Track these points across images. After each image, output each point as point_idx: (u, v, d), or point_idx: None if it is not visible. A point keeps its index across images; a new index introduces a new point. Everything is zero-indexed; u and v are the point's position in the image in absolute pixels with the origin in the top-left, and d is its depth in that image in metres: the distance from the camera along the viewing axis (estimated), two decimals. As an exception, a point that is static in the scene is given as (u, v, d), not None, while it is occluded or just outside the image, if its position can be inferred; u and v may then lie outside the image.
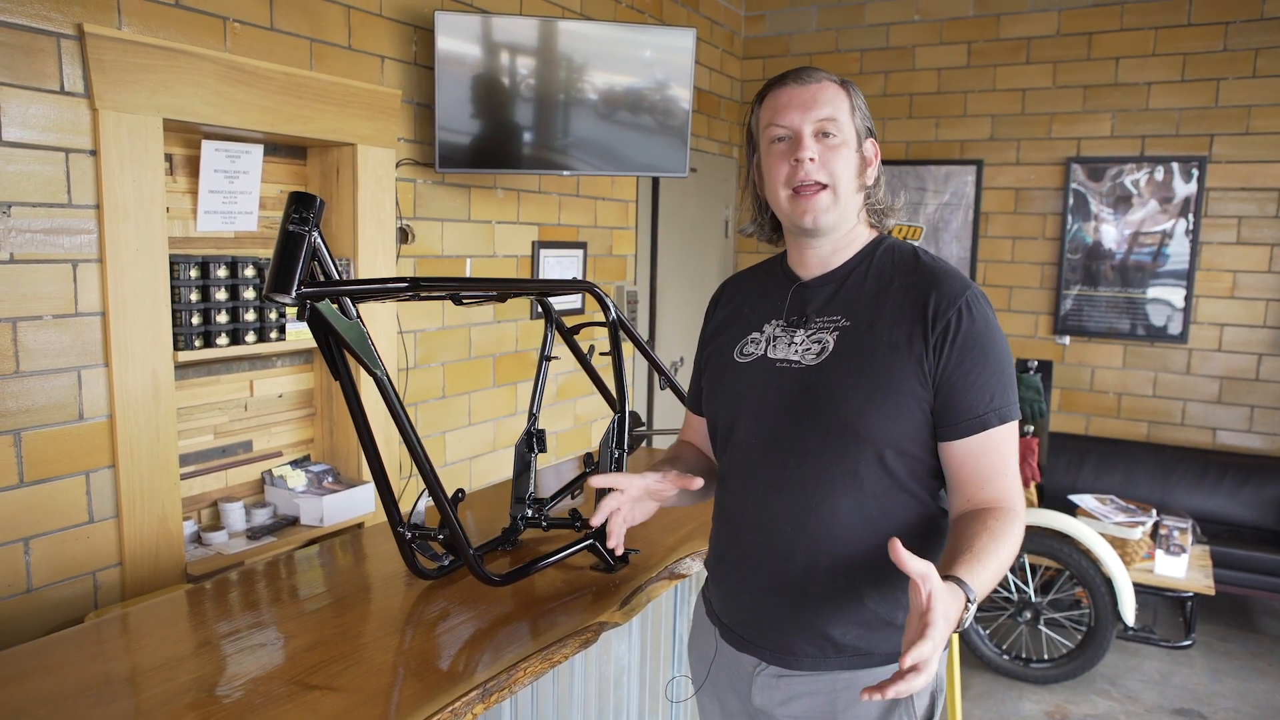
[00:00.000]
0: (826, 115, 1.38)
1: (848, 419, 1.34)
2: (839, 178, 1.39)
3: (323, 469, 2.96)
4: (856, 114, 1.41)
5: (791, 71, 1.44)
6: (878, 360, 1.35)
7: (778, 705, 1.43)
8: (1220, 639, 4.17)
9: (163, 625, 1.53)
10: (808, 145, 1.38)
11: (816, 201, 1.39)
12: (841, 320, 1.41)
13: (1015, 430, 1.36)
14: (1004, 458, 1.33)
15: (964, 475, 1.34)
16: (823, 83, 1.41)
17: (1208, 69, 4.53)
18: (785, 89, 1.42)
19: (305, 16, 2.73)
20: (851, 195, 1.41)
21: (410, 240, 3.19)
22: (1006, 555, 1.27)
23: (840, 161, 1.39)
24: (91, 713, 1.21)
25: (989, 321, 1.35)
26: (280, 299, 1.30)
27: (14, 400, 2.11)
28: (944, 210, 5.17)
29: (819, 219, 1.39)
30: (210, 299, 2.51)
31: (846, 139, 1.39)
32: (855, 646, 1.38)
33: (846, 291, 1.43)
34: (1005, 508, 1.31)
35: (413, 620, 1.57)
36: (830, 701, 1.40)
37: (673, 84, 3.55)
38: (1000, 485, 1.32)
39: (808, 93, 1.40)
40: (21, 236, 2.09)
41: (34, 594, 2.18)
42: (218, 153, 2.57)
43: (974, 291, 1.37)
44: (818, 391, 1.37)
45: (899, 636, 1.38)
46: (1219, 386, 4.67)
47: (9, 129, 2.06)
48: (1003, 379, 1.34)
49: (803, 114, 1.39)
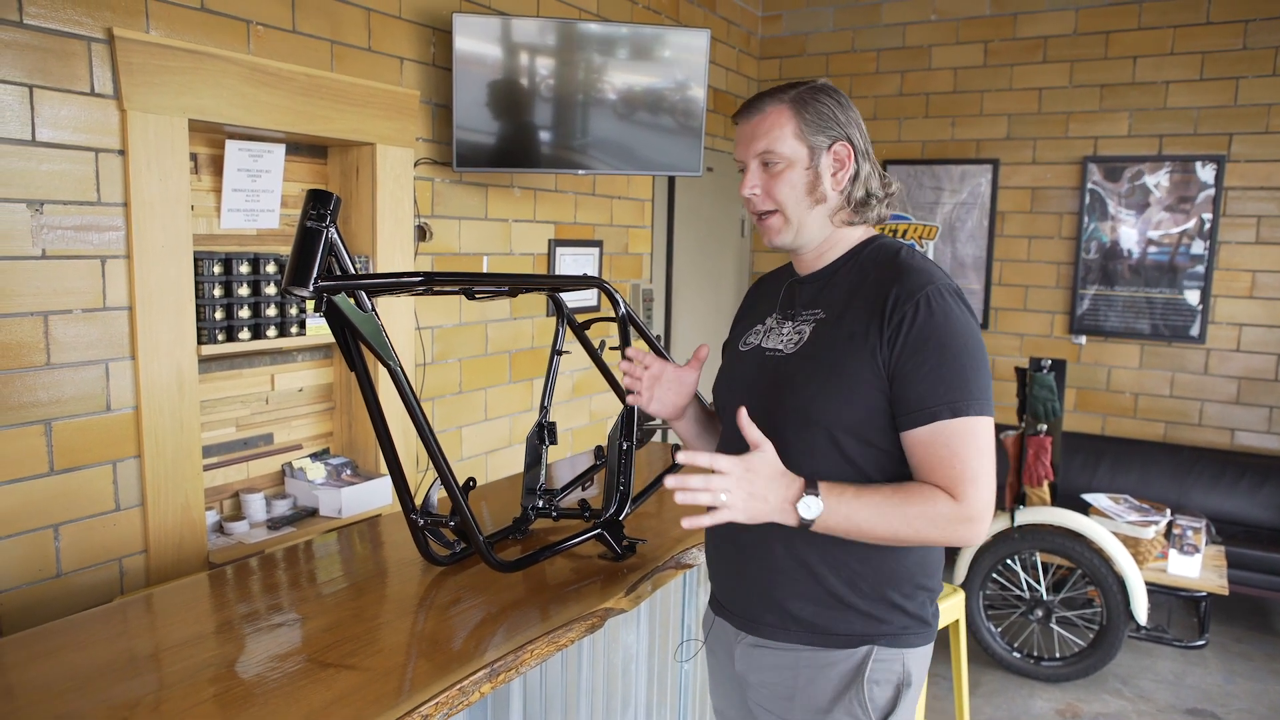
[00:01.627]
0: (763, 148, 1.47)
1: (802, 403, 1.43)
2: (784, 202, 1.48)
3: (341, 462, 3.03)
4: (807, 130, 1.46)
5: (748, 102, 1.52)
6: (836, 349, 1.42)
7: (751, 672, 1.54)
8: (1235, 640, 4.16)
9: (185, 606, 1.59)
10: (750, 179, 1.50)
11: (769, 226, 1.51)
12: (820, 313, 1.49)
13: (976, 426, 1.34)
14: (954, 452, 1.33)
15: (914, 464, 1.38)
16: (765, 111, 1.48)
17: (1227, 67, 4.51)
18: (740, 126, 1.52)
19: (326, 19, 2.79)
20: (805, 212, 1.49)
21: (428, 238, 3.25)
22: (901, 521, 1.32)
23: (784, 186, 1.47)
24: (116, 687, 1.27)
25: (950, 316, 1.37)
26: (298, 292, 1.36)
27: (45, 391, 2.18)
28: (960, 209, 5.17)
29: (774, 240, 1.52)
30: (233, 294, 2.57)
31: (792, 161, 1.46)
32: (812, 622, 1.46)
33: (830, 287, 1.51)
34: (942, 493, 1.33)
35: (425, 604, 1.62)
36: (792, 676, 1.48)
37: (687, 84, 3.59)
38: (945, 476, 1.33)
39: (749, 126, 1.49)
40: (53, 233, 2.17)
41: (63, 579, 2.25)
42: (241, 152, 2.63)
43: (938, 287, 1.39)
44: (785, 377, 1.47)
45: (857, 618, 1.44)
46: (1237, 387, 4.65)
47: (42, 129, 2.13)
48: (961, 373, 1.35)
49: (746, 148, 1.50)
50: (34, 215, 2.13)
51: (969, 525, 1.33)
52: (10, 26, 2.05)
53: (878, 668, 1.44)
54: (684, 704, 2.26)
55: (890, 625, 1.45)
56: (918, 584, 1.47)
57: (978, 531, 1.35)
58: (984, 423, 1.35)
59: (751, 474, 1.29)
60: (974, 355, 1.37)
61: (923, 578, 1.48)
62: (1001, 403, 5.17)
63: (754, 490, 1.29)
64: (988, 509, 1.35)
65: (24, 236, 2.11)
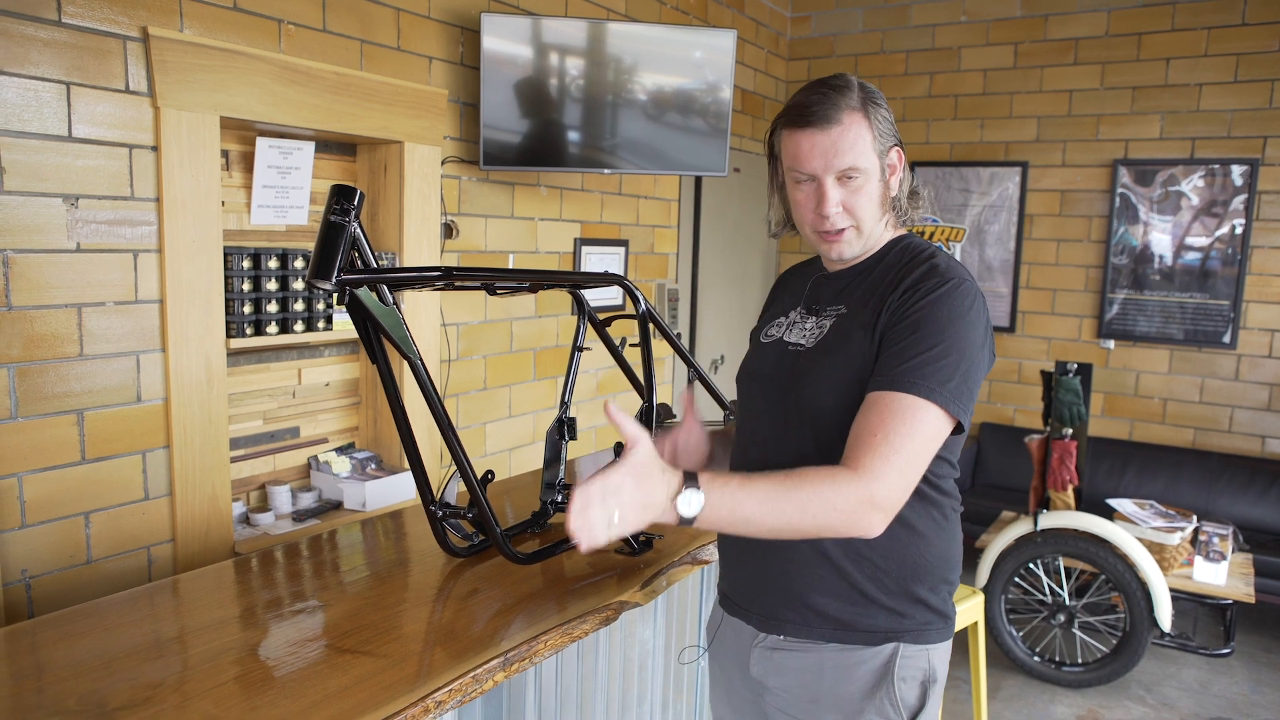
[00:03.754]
0: (848, 164, 1.37)
1: (814, 398, 1.41)
2: (863, 217, 1.42)
3: (366, 456, 3.07)
4: (878, 139, 1.40)
5: (813, 107, 1.38)
6: (851, 344, 1.40)
7: (770, 676, 1.49)
8: (1263, 649, 4.10)
9: (209, 592, 1.63)
10: (830, 196, 1.39)
11: (842, 240, 1.44)
12: (842, 309, 1.47)
13: (922, 412, 1.27)
14: (884, 422, 1.26)
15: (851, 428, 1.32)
16: (843, 122, 1.36)
17: (1262, 69, 4.45)
18: (807, 134, 1.38)
19: (356, 18, 2.83)
20: (876, 223, 1.44)
21: (454, 235, 3.29)
22: (794, 507, 1.21)
23: (863, 200, 1.41)
24: (142, 667, 1.31)
25: (951, 309, 1.33)
26: (321, 285, 1.39)
27: (78, 382, 2.23)
28: (988, 212, 5.14)
29: (844, 253, 1.46)
30: (261, 289, 2.62)
31: (869, 174, 1.40)
32: (836, 618, 1.42)
33: (856, 284, 1.48)
34: (844, 469, 1.25)
35: (443, 594, 1.64)
36: (817, 678, 1.44)
37: (716, 85, 3.60)
38: (862, 444, 1.26)
39: (828, 139, 1.37)
40: (87, 227, 2.22)
41: (92, 565, 2.30)
42: (271, 149, 2.68)
43: (954, 284, 1.35)
44: (801, 371, 1.45)
45: (881, 613, 1.42)
46: (1269, 393, 4.58)
47: (78, 126, 2.18)
48: (940, 362, 1.29)
49: (822, 161, 1.38)
50: (69, 210, 2.18)
51: (867, 508, 1.23)
52: (49, 25, 2.11)
53: (904, 664, 1.42)
54: (699, 700, 2.27)
55: (914, 620, 1.42)
56: (942, 577, 1.45)
57: (873, 521, 1.25)
58: (933, 413, 1.28)
59: (640, 481, 1.18)
60: (965, 356, 1.32)
61: (946, 571, 1.46)
62: (1027, 406, 5.13)
63: (645, 500, 1.19)
64: (891, 494, 1.25)
65: (59, 230, 2.17)
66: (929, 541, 1.43)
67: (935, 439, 1.31)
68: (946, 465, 1.44)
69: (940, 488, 1.44)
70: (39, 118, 2.11)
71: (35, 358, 2.15)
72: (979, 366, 1.35)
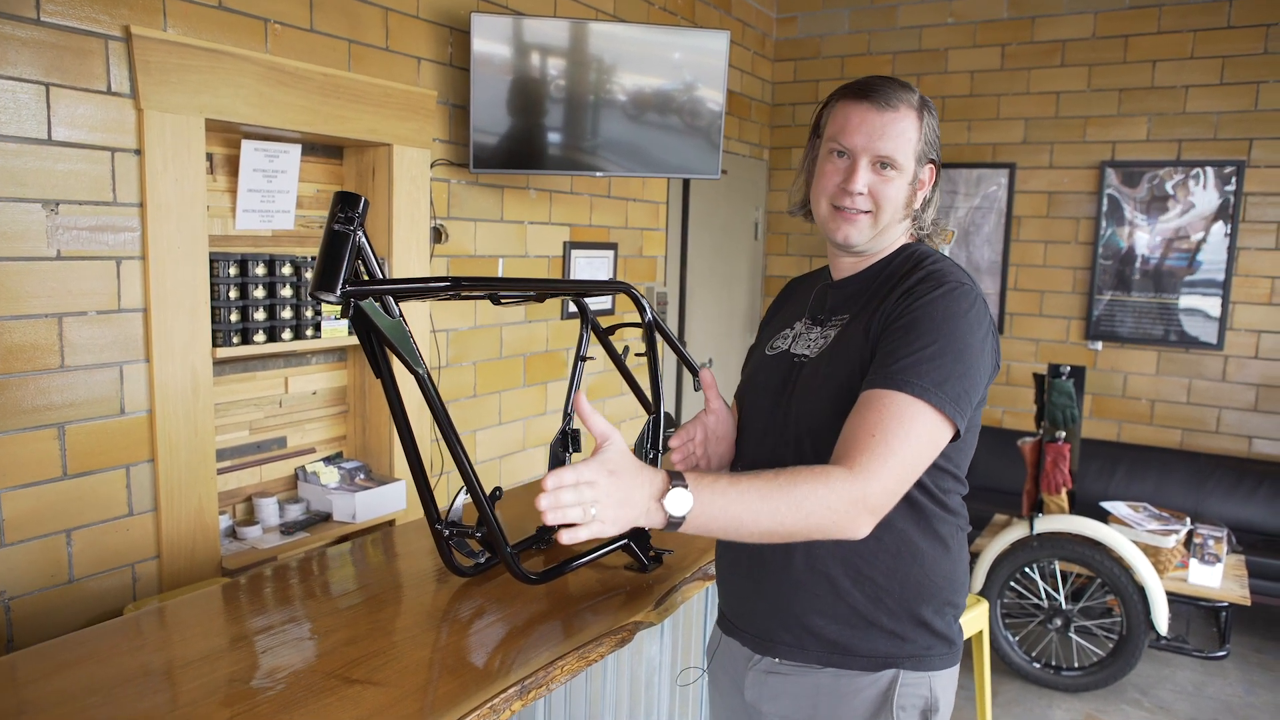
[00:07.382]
0: (889, 152, 1.37)
1: (817, 407, 1.36)
2: (884, 207, 1.40)
3: (355, 466, 2.99)
4: (922, 143, 1.39)
5: (876, 85, 1.38)
6: (850, 354, 1.36)
7: (765, 701, 1.45)
8: (1256, 650, 4.11)
9: (205, 618, 1.56)
10: (860, 176, 1.38)
11: (856, 223, 1.41)
12: (846, 317, 1.44)
13: (918, 413, 1.23)
14: (881, 424, 1.22)
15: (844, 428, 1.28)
16: (900, 110, 1.37)
17: (1248, 72, 4.47)
18: (861, 107, 1.38)
19: (344, 18, 2.76)
20: (894, 222, 1.42)
21: (444, 240, 3.22)
22: (788, 506, 1.17)
23: (890, 191, 1.39)
24: (139, 701, 1.24)
25: (948, 309, 1.29)
26: (325, 297, 1.32)
27: (58, 394, 2.15)
28: (975, 214, 5.13)
29: (851, 238, 1.42)
30: (248, 296, 2.54)
31: (903, 171, 1.39)
32: (834, 641, 1.38)
33: (860, 292, 1.45)
34: (838, 467, 1.21)
35: (449, 617, 1.58)
36: (812, 705, 1.40)
37: (705, 86, 3.55)
38: (857, 446, 1.22)
39: (881, 120, 1.36)
40: (68, 234, 2.13)
41: (75, 584, 2.22)
42: (257, 152, 2.60)
43: (952, 286, 1.32)
44: (804, 381, 1.41)
45: (881, 636, 1.37)
46: (1255, 394, 4.60)
47: (58, 128, 2.10)
48: (938, 363, 1.26)
49: (866, 141, 1.37)
50: (49, 215, 2.10)
51: (859, 509, 1.19)
52: (27, 24, 2.02)
53: (904, 692, 1.37)
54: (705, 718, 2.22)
55: (915, 645, 1.38)
56: (947, 599, 1.40)
57: (862, 523, 1.21)
58: (930, 416, 1.24)
59: (615, 477, 1.13)
60: (963, 358, 1.28)
61: (951, 593, 1.41)
62: (1015, 408, 5.13)
63: (624, 497, 1.14)
64: (883, 497, 1.21)
65: (39, 237, 2.08)
66: (934, 561, 1.38)
67: (932, 443, 1.27)
68: (953, 481, 1.40)
69: (947, 505, 1.40)
70: (16, 120, 2.02)
71: (14, 370, 2.06)
72: (979, 370, 1.30)
